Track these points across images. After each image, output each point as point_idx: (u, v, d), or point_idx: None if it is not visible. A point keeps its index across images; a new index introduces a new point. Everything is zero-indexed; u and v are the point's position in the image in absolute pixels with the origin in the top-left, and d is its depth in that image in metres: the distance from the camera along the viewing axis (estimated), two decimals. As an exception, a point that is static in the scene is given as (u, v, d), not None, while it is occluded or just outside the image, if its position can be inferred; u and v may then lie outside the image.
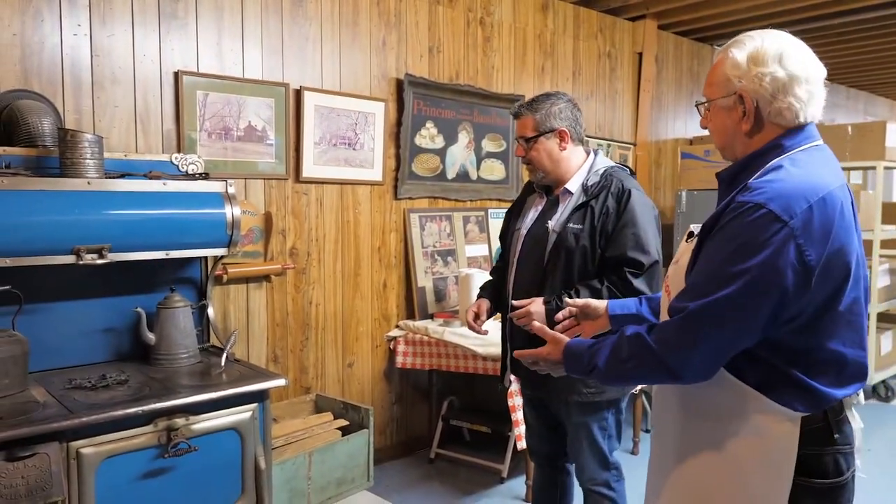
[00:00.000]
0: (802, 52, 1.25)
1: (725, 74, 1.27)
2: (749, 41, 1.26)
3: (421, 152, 3.63)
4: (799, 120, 1.24)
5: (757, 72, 1.23)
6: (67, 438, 1.80)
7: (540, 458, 2.32)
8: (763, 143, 1.26)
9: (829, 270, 1.16)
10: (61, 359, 2.27)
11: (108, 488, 1.87)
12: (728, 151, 1.34)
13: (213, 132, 2.84)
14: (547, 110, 2.08)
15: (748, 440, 1.24)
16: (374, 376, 3.51)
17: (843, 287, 1.20)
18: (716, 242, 1.21)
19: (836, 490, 1.24)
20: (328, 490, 2.78)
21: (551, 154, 2.09)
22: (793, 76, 1.22)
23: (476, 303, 2.28)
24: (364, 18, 3.33)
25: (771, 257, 1.13)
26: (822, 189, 1.17)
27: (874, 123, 4.54)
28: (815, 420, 1.21)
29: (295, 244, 3.16)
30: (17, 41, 2.36)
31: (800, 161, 1.22)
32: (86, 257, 2.05)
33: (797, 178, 1.18)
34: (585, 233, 2.01)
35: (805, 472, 1.21)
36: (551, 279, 2.04)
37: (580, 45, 4.50)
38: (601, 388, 2.03)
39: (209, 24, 2.81)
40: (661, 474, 1.42)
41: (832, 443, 1.22)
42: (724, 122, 1.30)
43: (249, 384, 2.14)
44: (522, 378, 2.18)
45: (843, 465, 1.24)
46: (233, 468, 2.12)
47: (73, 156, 2.09)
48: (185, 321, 2.35)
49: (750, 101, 1.25)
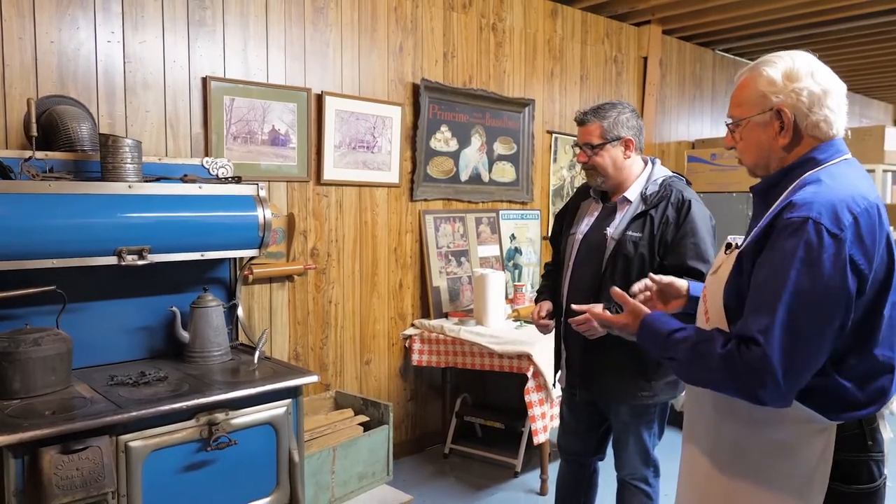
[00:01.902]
0: (827, 69, 1.33)
1: (760, 91, 1.33)
2: (780, 60, 1.33)
3: (436, 155, 3.71)
4: (833, 131, 1.32)
5: (793, 87, 1.30)
6: (117, 432, 1.88)
7: (570, 455, 2.38)
8: (798, 156, 1.33)
9: (876, 277, 1.23)
10: (101, 356, 2.34)
11: (154, 480, 1.95)
12: (761, 168, 1.39)
13: (238, 136, 2.92)
14: (615, 118, 2.12)
15: (779, 445, 1.27)
16: (390, 374, 3.60)
17: (886, 291, 1.25)
18: (773, 263, 1.22)
19: (870, 496, 1.28)
20: (350, 484, 2.86)
21: (616, 161, 2.13)
22: (826, 89, 1.29)
23: (539, 304, 2.29)
24: (382, 25, 3.41)
25: (832, 272, 1.17)
26: (862, 200, 1.23)
27: (873, 127, 4.66)
28: (851, 427, 1.26)
29: (316, 245, 3.24)
30: (55, 49, 2.43)
31: (836, 174, 1.28)
32: (127, 258, 2.13)
33: (838, 191, 1.23)
34: (644, 241, 2.04)
35: (840, 477, 1.25)
36: (609, 286, 2.02)
37: (588, 49, 4.60)
38: (656, 391, 2.09)
39: (235, 32, 2.89)
40: (693, 477, 1.46)
41: (866, 450, 1.27)
42: (760, 139, 1.35)
43: (284, 381, 2.22)
44: (578, 381, 2.21)
45: (875, 472, 1.28)
46: (268, 461, 2.20)
47: (115, 160, 2.16)
48: (217, 320, 2.43)
49: (788, 115, 1.31)
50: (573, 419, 2.34)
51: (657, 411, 2.18)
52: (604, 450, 2.36)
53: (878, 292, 1.25)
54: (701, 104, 5.72)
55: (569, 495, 2.40)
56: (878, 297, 1.25)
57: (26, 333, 2.02)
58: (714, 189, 4.72)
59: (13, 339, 1.98)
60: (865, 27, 5.01)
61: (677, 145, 5.48)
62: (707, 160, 4.93)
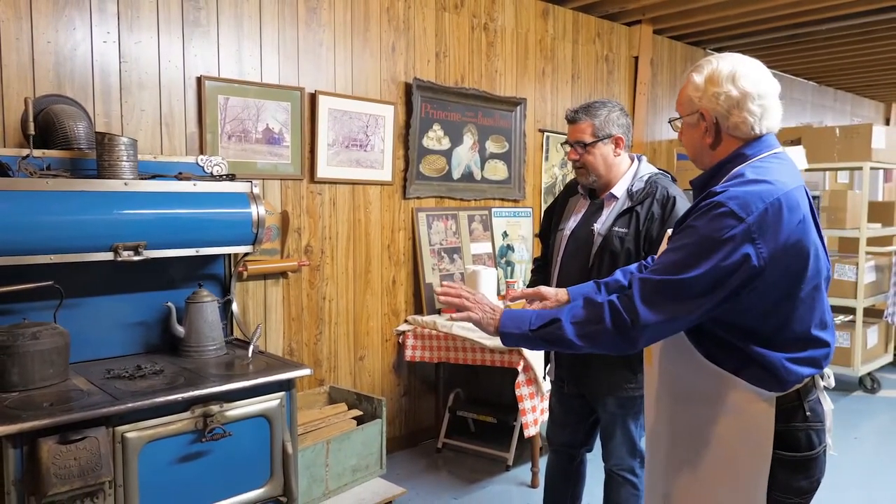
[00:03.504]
0: (755, 71, 1.41)
1: (688, 95, 1.45)
2: (707, 64, 1.43)
3: (428, 153, 3.76)
4: (754, 132, 1.41)
5: (713, 91, 1.40)
6: (113, 424, 1.92)
7: (559, 446, 2.43)
8: (726, 153, 1.43)
9: (787, 262, 1.31)
10: (97, 350, 2.38)
11: (150, 470, 1.99)
12: (698, 162, 1.52)
13: (233, 135, 2.96)
14: (606, 116, 2.17)
15: (729, 419, 1.39)
16: (383, 369, 3.65)
17: (802, 276, 1.34)
18: (683, 235, 1.36)
19: (809, 462, 1.38)
20: (344, 477, 2.91)
21: (606, 159, 2.18)
22: (745, 93, 1.38)
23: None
24: (375, 25, 3.46)
25: (729, 251, 1.27)
26: (777, 191, 1.31)
27: (861, 126, 4.72)
28: (789, 399, 1.36)
29: (310, 242, 3.28)
30: (52, 48, 2.47)
31: (760, 168, 1.37)
32: (123, 254, 2.17)
33: (755, 183, 1.33)
34: (630, 237, 2.10)
35: (781, 445, 1.35)
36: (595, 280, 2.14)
37: (579, 49, 4.65)
38: (641, 383, 2.13)
39: (229, 31, 2.93)
40: (657, 457, 1.57)
41: (804, 419, 1.37)
42: (692, 137, 1.48)
43: (278, 374, 2.27)
44: (567, 374, 2.27)
45: (814, 440, 1.38)
46: (262, 453, 2.25)
47: (111, 158, 2.21)
48: (212, 315, 2.48)
49: (709, 117, 1.42)
50: (562, 411, 2.39)
51: (643, 403, 2.23)
52: (592, 441, 2.41)
53: (791, 276, 1.33)
54: (692, 103, 5.78)
55: (558, 486, 2.45)
56: (793, 281, 1.33)
57: (25, 328, 2.06)
58: (704, 187, 4.77)
59: (12, 333, 2.02)
60: (852, 27, 5.07)
61: (668, 143, 5.54)
62: (696, 158, 4.99)
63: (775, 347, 1.35)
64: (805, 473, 1.38)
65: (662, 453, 1.53)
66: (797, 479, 1.37)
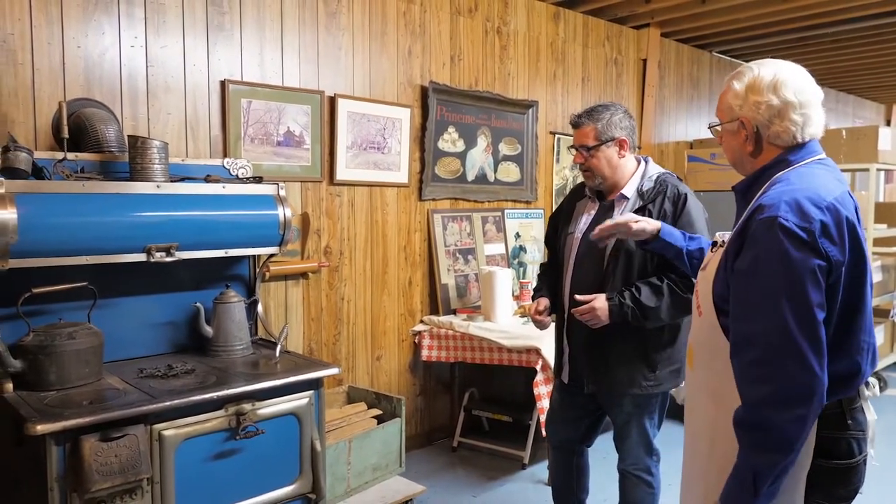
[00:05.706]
0: (797, 79, 1.38)
1: (728, 103, 1.44)
2: (748, 72, 1.42)
3: (443, 156, 3.81)
4: (797, 140, 1.40)
5: (754, 100, 1.39)
6: (150, 422, 1.96)
7: (560, 441, 2.46)
8: (767, 160, 1.42)
9: (851, 266, 1.30)
10: (128, 350, 2.42)
11: (186, 467, 2.03)
12: (739, 168, 1.51)
13: (255, 137, 3.00)
14: (608, 120, 2.20)
15: None
16: (400, 369, 3.69)
17: (862, 280, 1.34)
18: (747, 271, 1.31)
19: (849, 471, 1.37)
20: (365, 475, 2.95)
21: (611, 161, 2.21)
22: (787, 103, 1.37)
23: (537, 300, 2.36)
24: (392, 29, 3.50)
25: (803, 264, 1.24)
26: (828, 195, 1.30)
27: (867, 128, 4.77)
28: (832, 407, 1.33)
29: (329, 243, 3.32)
30: (82, 53, 2.51)
31: (805, 174, 1.36)
32: (156, 255, 2.22)
33: (805, 189, 1.30)
34: None
35: (822, 453, 1.33)
36: (612, 280, 2.15)
37: (589, 52, 4.70)
38: (661, 380, 2.17)
39: (252, 36, 2.97)
40: (696, 462, 1.56)
41: (846, 428, 1.35)
42: (732, 144, 1.48)
43: (306, 373, 2.30)
44: (587, 372, 2.25)
45: (854, 449, 1.37)
46: (292, 450, 2.29)
47: (143, 161, 2.25)
48: (239, 315, 2.52)
49: (750, 126, 1.41)
50: (562, 407, 2.41)
51: (658, 402, 2.27)
52: (592, 438, 2.45)
53: (857, 280, 1.32)
54: (699, 105, 5.84)
55: (564, 482, 2.48)
56: (857, 284, 1.33)
57: (61, 328, 2.10)
58: (714, 188, 4.82)
59: (49, 333, 2.06)
60: (858, 30, 5.13)
61: (676, 145, 5.59)
62: (707, 160, 5.04)
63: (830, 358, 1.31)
64: (844, 482, 1.37)
65: (703, 456, 1.52)
66: (836, 487, 1.37)
